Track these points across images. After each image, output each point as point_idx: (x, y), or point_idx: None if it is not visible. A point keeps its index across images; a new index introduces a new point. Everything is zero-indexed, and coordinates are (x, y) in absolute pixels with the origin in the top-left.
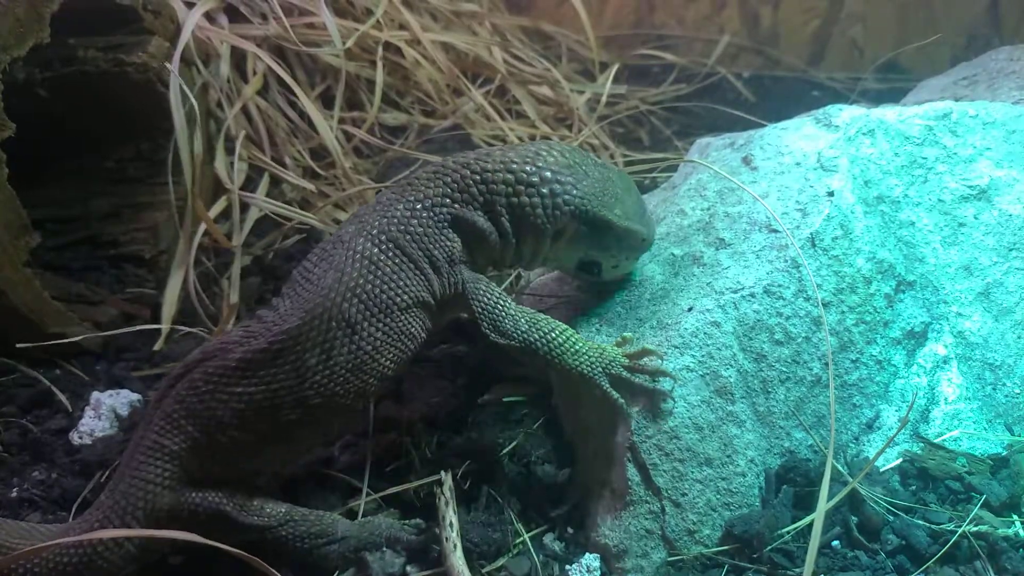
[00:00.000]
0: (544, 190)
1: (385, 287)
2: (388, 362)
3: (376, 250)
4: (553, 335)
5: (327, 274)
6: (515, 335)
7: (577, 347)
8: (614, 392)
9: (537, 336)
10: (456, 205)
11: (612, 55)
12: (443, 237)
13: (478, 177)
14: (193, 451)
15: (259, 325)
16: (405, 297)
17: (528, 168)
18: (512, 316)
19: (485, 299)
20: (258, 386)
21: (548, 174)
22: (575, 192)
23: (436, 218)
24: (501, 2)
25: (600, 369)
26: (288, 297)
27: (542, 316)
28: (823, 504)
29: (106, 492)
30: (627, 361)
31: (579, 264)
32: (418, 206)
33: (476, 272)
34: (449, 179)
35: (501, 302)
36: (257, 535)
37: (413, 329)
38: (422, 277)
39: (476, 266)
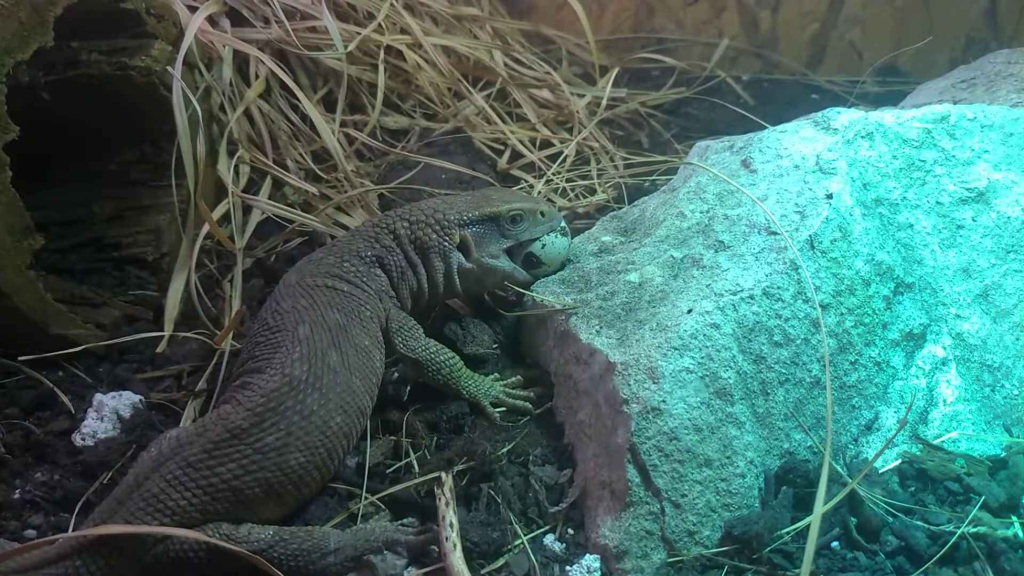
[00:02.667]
0: (432, 220)
1: (350, 298)
2: (378, 363)
3: (326, 281)
4: (452, 361)
5: (290, 312)
6: (420, 351)
7: (466, 373)
8: (490, 408)
9: (443, 358)
10: (378, 248)
11: (612, 59)
12: (373, 274)
13: (386, 229)
14: (199, 509)
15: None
16: (366, 310)
17: (416, 215)
18: (421, 338)
19: (402, 321)
20: (271, 435)
21: (430, 211)
22: (451, 212)
23: (364, 261)
24: (501, 6)
25: (483, 393)
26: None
27: (445, 348)
28: (820, 505)
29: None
30: (501, 393)
31: (522, 262)
32: (347, 254)
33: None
34: (368, 233)
35: (415, 328)
36: (251, 561)
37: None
38: (370, 294)
39: (401, 300)
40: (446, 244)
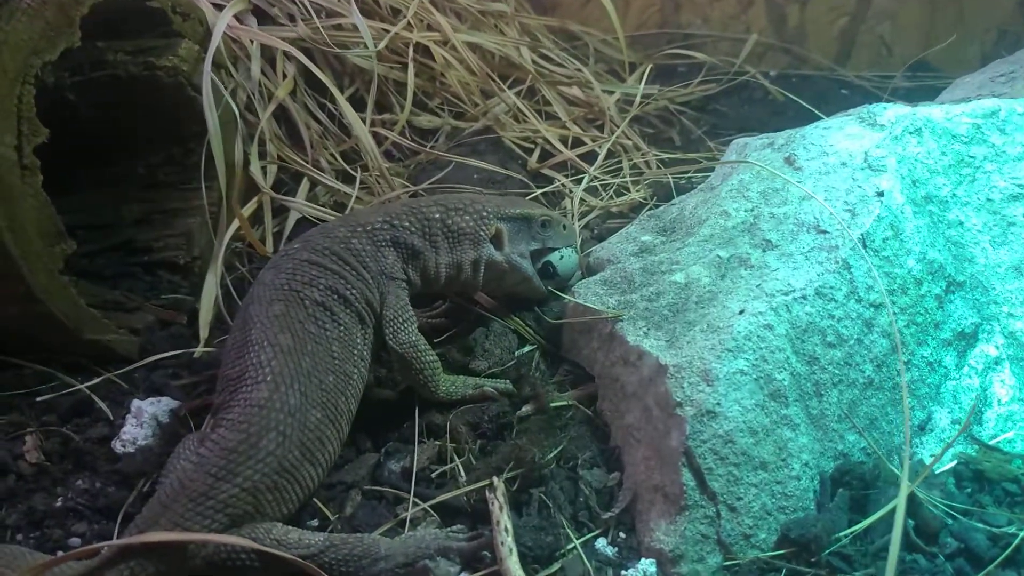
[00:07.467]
0: (471, 208)
1: (336, 278)
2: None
3: (319, 257)
4: (435, 364)
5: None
6: (407, 346)
7: (443, 377)
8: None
9: (427, 359)
10: (396, 229)
11: (638, 55)
12: (379, 254)
13: (414, 212)
14: (241, 498)
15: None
16: (353, 291)
17: (453, 202)
18: (411, 332)
19: (398, 310)
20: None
21: (469, 200)
22: (490, 204)
23: (375, 240)
24: (526, 2)
25: (458, 395)
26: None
27: (431, 348)
28: (903, 505)
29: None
30: (471, 389)
31: (540, 270)
32: (359, 229)
33: (408, 290)
34: (393, 211)
35: (409, 320)
36: (301, 567)
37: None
38: (361, 275)
39: (411, 280)
40: (481, 233)
